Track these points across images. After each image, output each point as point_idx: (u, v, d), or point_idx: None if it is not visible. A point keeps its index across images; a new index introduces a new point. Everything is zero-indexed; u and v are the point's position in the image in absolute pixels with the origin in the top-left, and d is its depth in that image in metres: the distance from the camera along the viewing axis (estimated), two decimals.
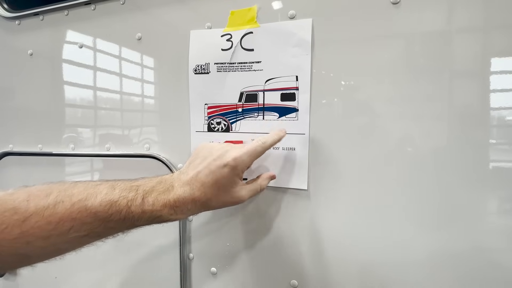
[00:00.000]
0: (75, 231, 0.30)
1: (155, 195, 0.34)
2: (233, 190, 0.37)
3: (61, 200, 0.30)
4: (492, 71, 0.36)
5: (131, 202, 0.32)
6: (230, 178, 0.36)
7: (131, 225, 0.33)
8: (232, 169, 0.36)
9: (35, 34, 0.63)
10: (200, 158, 0.38)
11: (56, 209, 0.29)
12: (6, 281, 0.67)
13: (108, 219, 0.31)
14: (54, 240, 0.29)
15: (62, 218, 0.29)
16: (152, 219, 0.34)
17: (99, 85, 0.59)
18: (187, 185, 0.35)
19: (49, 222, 0.28)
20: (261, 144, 0.38)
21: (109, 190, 0.32)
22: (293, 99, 0.45)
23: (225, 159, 0.36)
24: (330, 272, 0.44)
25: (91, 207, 0.30)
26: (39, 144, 0.64)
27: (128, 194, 0.33)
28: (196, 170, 0.36)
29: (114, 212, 0.31)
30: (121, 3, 0.55)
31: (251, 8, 0.46)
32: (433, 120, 0.38)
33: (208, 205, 0.36)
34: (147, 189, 0.34)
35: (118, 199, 0.32)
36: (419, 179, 0.39)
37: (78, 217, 0.30)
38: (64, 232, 0.29)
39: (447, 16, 0.38)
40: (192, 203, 0.35)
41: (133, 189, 0.33)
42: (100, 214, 0.31)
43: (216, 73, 0.49)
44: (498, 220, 0.36)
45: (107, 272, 0.58)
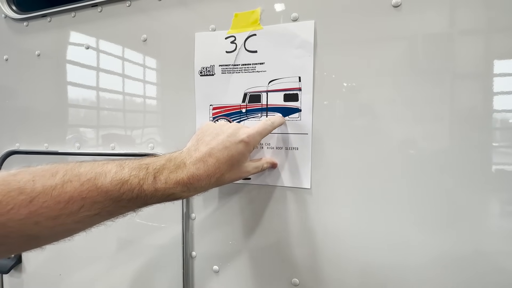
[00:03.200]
0: (86, 210, 0.29)
1: (167, 173, 0.34)
2: (244, 165, 0.39)
3: (68, 179, 0.29)
4: (495, 73, 0.36)
5: (143, 180, 0.32)
6: (244, 153, 0.38)
7: (143, 203, 0.33)
8: (246, 145, 0.38)
9: (42, 35, 0.65)
10: (210, 135, 0.38)
11: (64, 188, 0.28)
12: (11, 277, 0.68)
13: (120, 198, 0.31)
14: (63, 220, 0.28)
15: (71, 197, 0.28)
16: (165, 196, 0.34)
17: (105, 86, 0.60)
18: (200, 161, 0.35)
19: (58, 202, 0.28)
20: (271, 124, 0.42)
21: (118, 169, 0.32)
22: (296, 99, 0.45)
23: (239, 135, 0.38)
24: (332, 271, 0.44)
25: (102, 186, 0.30)
26: (45, 143, 0.65)
27: (138, 172, 0.32)
28: (209, 147, 0.36)
29: (126, 191, 0.31)
30: (127, 6, 0.56)
31: (255, 11, 0.47)
32: (435, 122, 0.39)
33: (222, 180, 0.37)
34: (157, 167, 0.34)
35: (129, 178, 0.31)
36: (422, 180, 0.39)
37: (89, 196, 0.29)
38: (74, 211, 0.28)
39: (449, 18, 0.38)
40: (207, 179, 0.35)
41: (142, 167, 0.33)
42: (112, 193, 0.30)
43: (221, 74, 0.50)
44: (501, 223, 0.37)
45: (110, 270, 0.59)
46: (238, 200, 0.50)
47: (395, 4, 0.40)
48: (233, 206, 0.51)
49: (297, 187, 0.46)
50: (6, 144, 0.69)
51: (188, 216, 0.53)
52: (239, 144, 0.37)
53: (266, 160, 0.46)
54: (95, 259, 0.60)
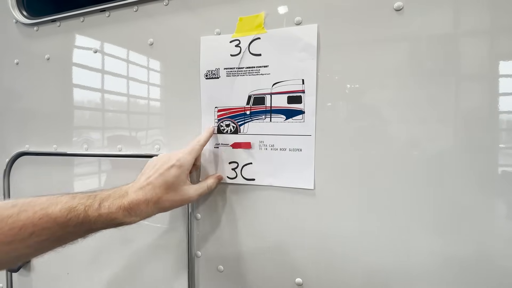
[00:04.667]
0: (36, 236, 0.33)
1: (111, 200, 0.38)
2: (182, 189, 0.43)
3: (24, 209, 0.33)
4: (499, 74, 0.37)
5: (88, 207, 0.36)
6: (178, 176, 0.42)
7: (88, 228, 0.37)
8: (178, 168, 0.42)
9: (52, 39, 0.66)
10: (150, 168, 0.44)
11: (19, 217, 0.33)
12: (20, 276, 0.69)
13: (67, 223, 0.35)
14: (15, 245, 0.32)
15: (24, 224, 0.32)
16: (108, 221, 0.38)
17: (113, 89, 0.62)
18: (139, 189, 0.40)
19: (12, 228, 0.32)
20: (197, 143, 0.47)
21: (69, 199, 0.36)
22: (299, 101, 0.46)
23: (170, 161, 0.43)
24: (335, 271, 0.45)
25: (51, 214, 0.34)
26: (54, 145, 0.67)
27: (86, 201, 0.37)
28: (147, 176, 0.42)
29: (72, 217, 0.35)
30: (134, 11, 0.58)
31: (259, 15, 0.48)
32: (439, 123, 0.39)
33: (160, 204, 0.41)
34: (104, 196, 0.39)
35: (77, 205, 0.36)
36: (426, 182, 0.40)
37: (39, 223, 0.33)
38: (26, 237, 0.32)
39: (451, 20, 0.39)
40: (145, 203, 0.40)
41: (91, 197, 0.38)
42: (60, 219, 0.34)
43: (226, 77, 0.51)
44: (505, 225, 0.37)
45: (117, 269, 0.60)
46: (243, 201, 0.51)
47: (397, 8, 0.40)
48: (238, 206, 0.51)
49: (301, 188, 0.46)
50: (16, 145, 0.70)
51: (194, 217, 0.54)
52: (171, 169, 0.42)
53: (211, 177, 0.49)
54: (102, 258, 0.61)
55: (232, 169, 0.51)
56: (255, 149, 0.49)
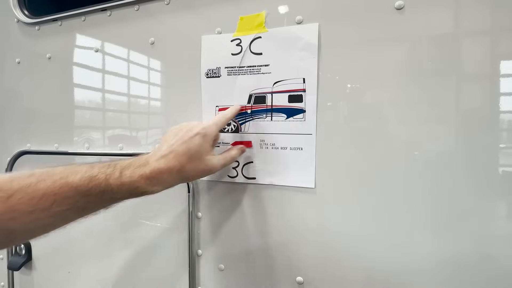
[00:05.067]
0: (58, 205, 0.32)
1: (132, 169, 0.37)
2: (206, 158, 0.41)
3: (43, 178, 0.32)
4: (501, 74, 0.37)
5: (109, 175, 0.35)
6: (202, 145, 0.41)
7: (110, 198, 0.36)
8: (202, 136, 0.41)
9: (53, 38, 0.66)
10: (171, 136, 0.42)
11: (38, 186, 0.31)
12: (22, 275, 0.70)
13: (88, 192, 0.34)
14: (37, 215, 0.31)
15: (45, 193, 0.31)
16: (131, 191, 0.37)
17: (114, 88, 0.62)
18: (161, 157, 0.38)
19: (32, 198, 0.31)
20: (223, 115, 0.46)
21: (89, 168, 0.35)
22: (300, 100, 0.46)
23: (195, 129, 0.41)
24: (335, 269, 0.45)
25: (72, 183, 0.33)
26: (56, 143, 0.67)
27: (106, 169, 0.36)
28: (170, 144, 0.40)
29: (93, 186, 0.34)
30: (135, 10, 0.58)
31: (260, 14, 0.48)
32: (440, 123, 0.39)
33: (183, 173, 0.39)
34: (124, 165, 0.37)
35: (97, 174, 0.35)
36: (427, 182, 0.40)
37: (60, 192, 0.32)
38: (47, 206, 0.32)
39: (452, 20, 0.39)
40: (168, 172, 0.38)
41: (111, 166, 0.36)
42: (81, 188, 0.33)
43: (227, 76, 0.51)
44: (506, 225, 0.37)
45: (118, 268, 0.60)
46: (243, 200, 0.51)
47: (398, 7, 0.40)
48: (239, 205, 0.51)
49: (302, 187, 0.46)
50: (18, 144, 0.71)
51: (194, 215, 0.54)
52: (195, 137, 0.40)
53: (234, 148, 0.47)
54: (103, 257, 0.62)
55: (233, 168, 0.51)
56: (256, 148, 0.49)
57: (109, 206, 0.37)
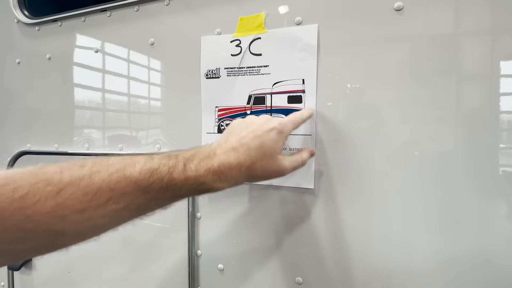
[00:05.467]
0: (114, 202, 0.27)
1: (197, 161, 0.32)
2: (278, 158, 0.37)
3: (97, 170, 0.27)
4: (500, 74, 0.37)
5: (173, 168, 0.30)
6: (277, 142, 0.36)
7: (173, 195, 0.31)
8: (278, 133, 0.36)
9: (53, 39, 0.66)
10: (241, 127, 0.37)
11: (92, 179, 0.26)
12: (22, 274, 0.70)
13: (149, 188, 0.29)
14: (91, 214, 0.26)
15: (100, 188, 0.26)
16: (196, 186, 0.32)
17: (113, 88, 0.62)
18: (231, 150, 0.34)
19: (86, 193, 0.26)
20: (300, 115, 0.42)
21: (147, 159, 0.30)
22: (299, 101, 0.46)
23: (271, 123, 0.37)
24: (335, 270, 0.45)
25: (131, 176, 0.28)
26: (55, 144, 0.67)
27: (168, 161, 0.31)
28: (240, 136, 0.35)
29: (155, 180, 0.29)
30: (135, 10, 0.58)
31: (259, 15, 0.48)
32: (440, 123, 0.39)
33: (253, 171, 0.35)
34: (188, 156, 0.32)
35: (159, 166, 0.30)
36: (427, 182, 0.40)
37: (117, 187, 0.27)
38: (102, 203, 0.27)
39: (452, 20, 0.39)
40: (237, 168, 0.34)
41: (172, 157, 0.31)
42: (141, 182, 0.28)
43: (226, 77, 0.51)
44: (506, 225, 0.37)
45: (118, 268, 0.61)
46: (243, 200, 0.51)
47: (397, 8, 0.40)
48: (238, 205, 0.51)
49: (301, 187, 0.47)
50: (18, 144, 0.71)
51: (194, 216, 0.54)
52: (270, 132, 0.36)
53: (305, 150, 0.42)
54: (103, 257, 0.62)
55: None
56: None
57: (169, 204, 0.32)
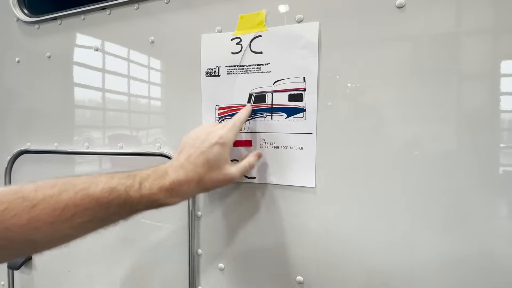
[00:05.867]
0: (79, 217, 0.32)
1: (151, 181, 0.37)
2: (224, 167, 0.40)
3: (65, 189, 0.32)
4: (501, 73, 0.36)
5: (129, 187, 0.35)
6: (220, 154, 0.40)
7: (130, 210, 0.36)
8: (221, 146, 0.40)
9: (53, 37, 0.66)
10: (189, 145, 0.41)
11: (61, 197, 0.32)
12: (22, 274, 0.70)
13: (109, 204, 0.34)
14: (59, 226, 0.32)
15: (67, 204, 0.32)
16: (150, 203, 0.37)
17: (113, 87, 0.62)
18: (180, 168, 0.38)
19: (55, 209, 0.31)
20: (237, 120, 0.44)
21: (109, 179, 0.35)
22: (300, 99, 0.46)
23: (212, 138, 0.40)
24: (336, 269, 0.45)
25: (93, 194, 0.33)
26: (55, 143, 0.67)
27: (126, 181, 0.36)
28: (187, 154, 0.40)
29: (114, 197, 0.34)
30: (135, 8, 0.58)
31: (260, 12, 0.48)
32: (440, 123, 0.39)
33: (202, 184, 0.39)
34: (144, 176, 0.37)
35: (117, 185, 0.35)
36: (427, 181, 0.39)
37: (81, 204, 0.32)
38: (68, 217, 0.32)
39: (454, 19, 0.38)
40: (187, 184, 0.38)
41: (130, 177, 0.36)
42: (101, 199, 0.33)
43: (227, 75, 0.50)
44: (507, 225, 0.37)
45: (118, 267, 0.60)
46: (243, 199, 0.51)
47: (399, 5, 0.40)
48: (239, 204, 0.51)
49: (302, 186, 0.46)
50: (18, 143, 0.71)
51: (194, 215, 0.54)
52: (213, 147, 0.40)
53: (251, 155, 0.46)
54: (103, 256, 0.62)
55: None
56: (256, 147, 0.49)
57: (129, 217, 0.37)
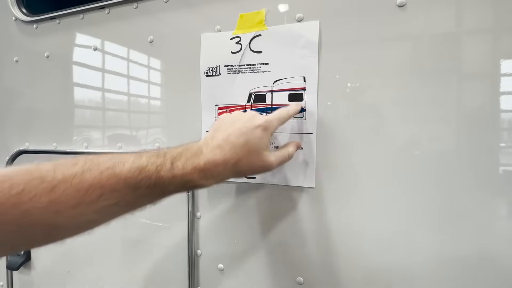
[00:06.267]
0: (105, 199, 0.29)
1: (184, 160, 0.34)
2: (264, 154, 0.37)
3: (88, 168, 0.29)
4: (501, 73, 0.36)
5: (160, 167, 0.32)
6: (262, 138, 0.37)
7: (161, 191, 0.33)
8: (264, 130, 0.37)
9: (51, 37, 0.66)
10: (227, 124, 0.38)
11: (84, 176, 0.28)
12: (21, 274, 0.70)
13: (138, 185, 0.30)
14: (83, 209, 0.28)
15: (91, 185, 0.28)
16: (183, 183, 0.34)
17: (112, 87, 0.61)
18: (217, 148, 0.35)
19: (78, 190, 0.28)
20: (287, 111, 0.42)
21: (136, 157, 0.32)
22: (300, 99, 0.46)
23: (256, 121, 0.37)
24: (336, 270, 0.44)
25: (120, 174, 0.30)
26: (54, 143, 0.66)
27: (156, 160, 0.32)
28: (227, 133, 0.36)
29: (143, 178, 0.31)
30: (134, 7, 0.57)
31: (260, 11, 0.48)
32: (441, 122, 0.39)
33: (239, 167, 0.36)
34: (175, 155, 0.34)
35: (147, 165, 0.31)
36: (427, 181, 0.39)
37: (108, 184, 0.29)
38: (93, 200, 0.29)
39: (454, 18, 0.38)
40: (223, 165, 0.35)
41: (160, 155, 0.33)
42: (130, 180, 0.30)
43: (226, 75, 0.50)
44: (507, 225, 0.36)
45: (117, 268, 0.60)
46: (243, 199, 0.51)
47: (400, 4, 0.40)
48: (238, 205, 0.51)
49: (302, 186, 0.46)
50: (16, 143, 0.70)
51: (194, 215, 0.54)
52: (256, 129, 0.36)
53: (291, 144, 0.43)
54: (102, 257, 0.61)
55: None
56: None
57: (159, 200, 0.34)
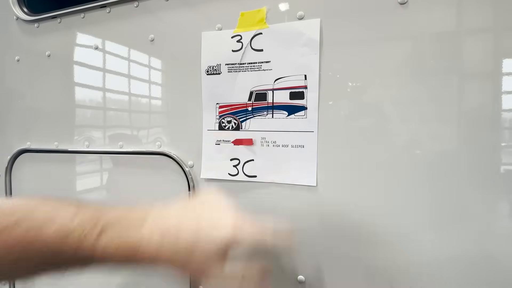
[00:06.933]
0: (24, 261, 0.27)
1: (113, 233, 0.28)
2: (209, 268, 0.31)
3: (19, 223, 0.27)
4: (503, 72, 0.36)
5: (85, 235, 0.27)
6: (218, 261, 0.31)
7: (84, 263, 0.29)
8: (223, 253, 0.30)
9: (52, 36, 0.66)
10: (188, 226, 0.31)
11: (12, 233, 0.26)
12: None
13: (60, 250, 0.27)
14: (1, 263, 0.27)
15: (14, 244, 0.26)
16: (105, 264, 0.29)
17: (113, 86, 0.61)
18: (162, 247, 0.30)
19: (4, 247, 0.26)
20: (263, 235, 0.34)
21: (71, 216, 0.28)
22: (301, 97, 0.46)
23: (222, 233, 0.31)
24: (337, 268, 0.44)
25: (46, 236, 0.27)
26: (56, 142, 0.66)
27: (87, 223, 0.28)
28: (186, 242, 0.30)
29: (67, 245, 0.27)
30: (135, 6, 0.57)
31: (261, 10, 0.47)
32: (442, 122, 0.38)
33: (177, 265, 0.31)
34: (107, 222, 0.29)
35: (74, 228, 0.27)
36: (429, 180, 0.39)
37: (30, 248, 0.27)
38: (13, 260, 0.27)
39: (456, 16, 0.38)
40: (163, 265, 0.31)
41: (94, 218, 0.28)
42: (52, 245, 0.27)
43: (227, 73, 0.50)
44: (508, 224, 0.36)
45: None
46: (244, 198, 0.50)
47: (401, 1, 0.40)
48: (239, 204, 0.51)
49: (303, 185, 0.46)
50: (18, 142, 0.70)
51: None
52: (217, 250, 0.30)
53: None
54: None
55: (234, 166, 0.50)
56: (257, 146, 0.49)
57: (88, 269, 0.29)
